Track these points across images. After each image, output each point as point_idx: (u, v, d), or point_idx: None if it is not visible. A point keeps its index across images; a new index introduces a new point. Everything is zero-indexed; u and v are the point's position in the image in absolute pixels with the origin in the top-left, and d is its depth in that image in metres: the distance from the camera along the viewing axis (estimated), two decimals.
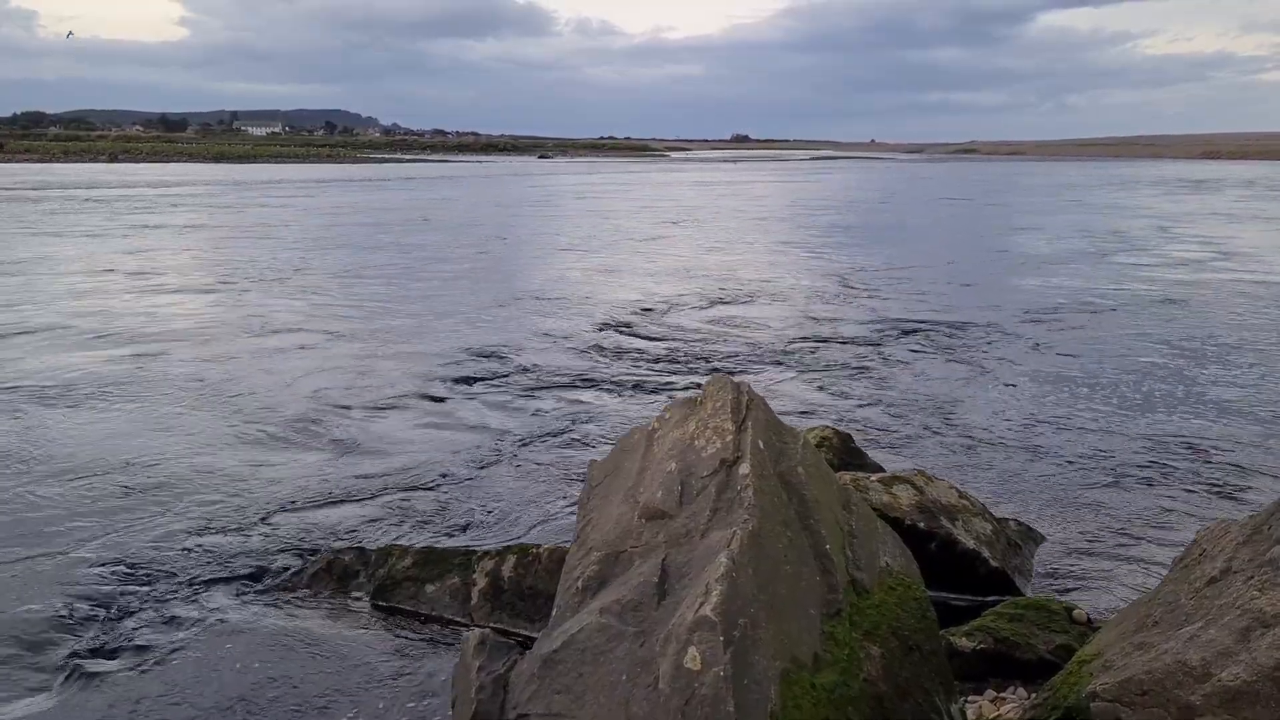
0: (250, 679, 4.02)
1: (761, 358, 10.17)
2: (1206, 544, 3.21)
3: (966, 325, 12.06)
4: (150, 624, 4.46)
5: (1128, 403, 8.40)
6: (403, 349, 10.48)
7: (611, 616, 2.89)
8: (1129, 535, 5.58)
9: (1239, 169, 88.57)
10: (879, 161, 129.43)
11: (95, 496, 6.00)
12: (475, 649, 3.14)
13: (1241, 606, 2.72)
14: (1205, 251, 20.56)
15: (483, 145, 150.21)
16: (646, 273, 17.05)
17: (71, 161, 70.91)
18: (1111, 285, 15.64)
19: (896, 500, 4.77)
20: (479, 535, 5.55)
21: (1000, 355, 10.35)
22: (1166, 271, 17.38)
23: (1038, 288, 15.40)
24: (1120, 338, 11.29)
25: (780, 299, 14.14)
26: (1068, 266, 18.20)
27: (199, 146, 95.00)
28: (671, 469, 3.28)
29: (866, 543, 3.45)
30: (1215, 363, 9.95)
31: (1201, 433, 7.51)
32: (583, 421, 7.81)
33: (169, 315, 12.21)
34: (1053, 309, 13.30)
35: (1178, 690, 2.68)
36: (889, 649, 3.15)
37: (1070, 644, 3.83)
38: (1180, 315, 12.75)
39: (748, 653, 2.67)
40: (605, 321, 12.11)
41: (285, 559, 5.15)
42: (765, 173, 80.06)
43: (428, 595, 4.66)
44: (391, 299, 13.84)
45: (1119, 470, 6.66)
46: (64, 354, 9.89)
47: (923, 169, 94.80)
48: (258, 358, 9.89)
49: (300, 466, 6.65)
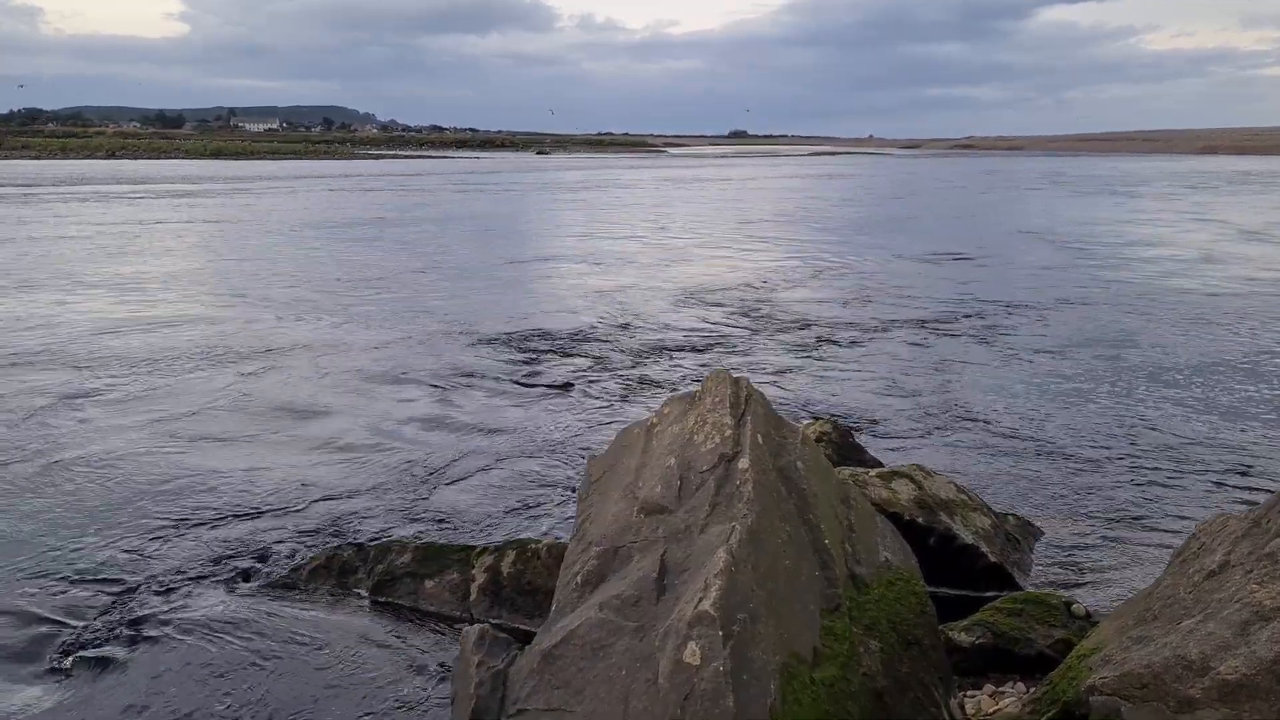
0: (249, 674, 4.02)
1: (760, 352, 10.17)
2: (1205, 537, 3.21)
3: (966, 319, 12.07)
4: (149, 619, 4.45)
5: (1127, 397, 8.40)
6: (401, 348, 10.47)
7: (611, 612, 2.89)
8: (1127, 529, 5.58)
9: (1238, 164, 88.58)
10: (873, 157, 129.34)
11: (94, 494, 6.00)
12: (475, 644, 3.14)
13: (1241, 600, 2.73)
14: (1207, 249, 20.56)
15: (480, 141, 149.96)
16: (647, 273, 17.04)
17: (70, 158, 70.75)
18: (1112, 283, 15.65)
19: (895, 495, 4.77)
20: (478, 531, 5.55)
21: (1000, 350, 10.35)
22: (1168, 266, 17.39)
23: (1037, 283, 15.40)
24: (1120, 332, 11.29)
25: (776, 293, 14.13)
26: (1067, 260, 18.21)
27: (196, 143, 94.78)
28: (670, 464, 3.28)
29: (865, 538, 3.45)
30: (1215, 358, 9.95)
31: (1200, 427, 7.51)
32: (581, 417, 7.81)
33: (162, 314, 12.19)
34: (1053, 304, 13.31)
35: (1177, 684, 2.68)
36: (888, 644, 3.15)
37: (1069, 638, 3.83)
38: (1181, 310, 12.75)
39: (747, 648, 2.67)
40: (603, 318, 12.10)
41: (284, 554, 5.15)
42: (764, 168, 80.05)
43: (427, 591, 4.66)
44: (385, 296, 13.83)
45: (1117, 464, 6.66)
46: (63, 355, 9.87)
47: (919, 165, 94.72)
48: (254, 356, 9.88)
49: (298, 463, 6.65)
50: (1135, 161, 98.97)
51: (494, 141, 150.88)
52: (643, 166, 79.09)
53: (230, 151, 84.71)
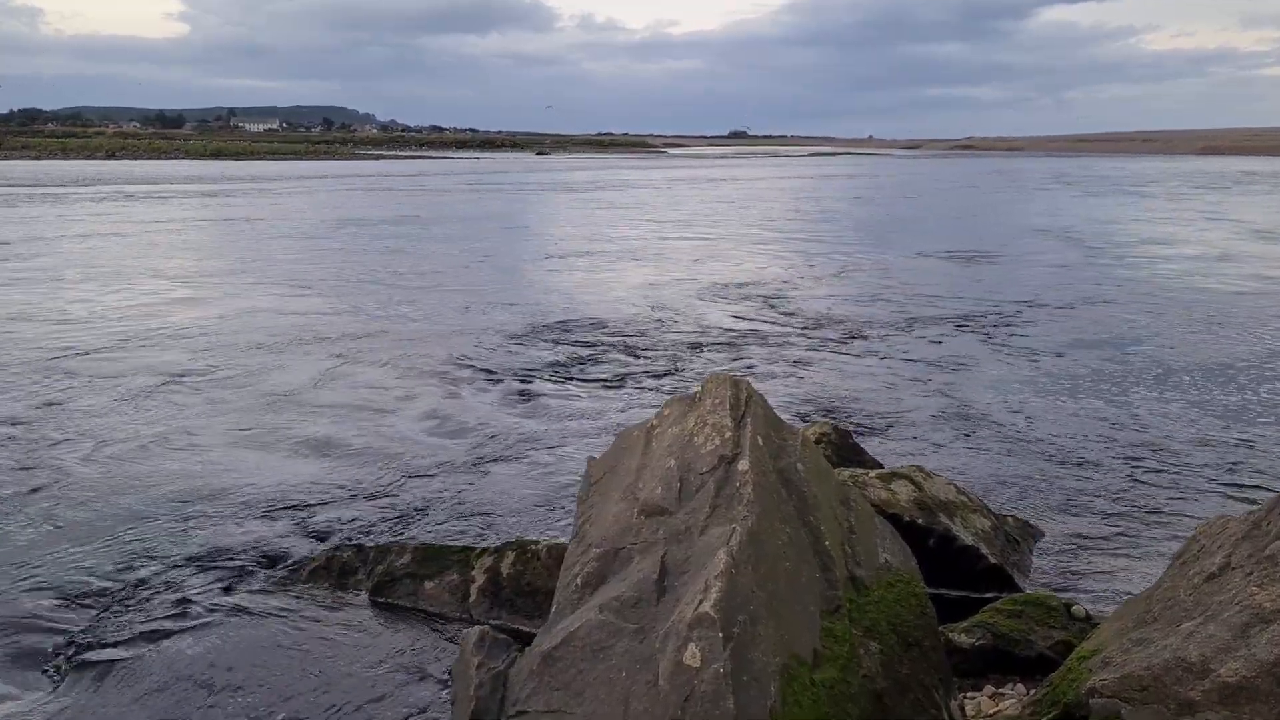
0: (248, 675, 4.02)
1: (760, 353, 10.17)
2: (1205, 539, 3.21)
3: (966, 320, 12.07)
4: (148, 619, 4.45)
5: (1130, 397, 8.40)
6: (399, 347, 10.47)
7: (611, 613, 2.89)
8: (1127, 531, 5.58)
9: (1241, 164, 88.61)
10: (875, 158, 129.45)
11: (95, 493, 5.99)
12: (474, 646, 3.14)
13: (1241, 602, 2.72)
14: (1223, 247, 20.55)
15: (480, 142, 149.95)
16: (646, 271, 17.06)
17: (70, 158, 70.73)
18: (1112, 280, 15.65)
19: (895, 496, 4.77)
20: (478, 532, 5.55)
21: (1000, 351, 10.35)
22: (1186, 265, 17.40)
23: (1053, 282, 15.39)
24: (1129, 332, 11.30)
25: (775, 294, 14.13)
26: (1083, 259, 18.24)
27: (196, 144, 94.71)
28: (670, 465, 3.27)
29: (865, 539, 3.45)
30: (1222, 358, 9.95)
31: (1202, 428, 7.51)
32: (581, 418, 7.81)
33: (160, 313, 12.19)
34: (1067, 303, 13.31)
35: (1177, 686, 2.68)
36: (888, 645, 3.15)
37: (1069, 640, 3.83)
38: (1194, 310, 12.74)
39: (747, 649, 2.67)
40: (603, 318, 12.10)
41: (284, 555, 5.15)
42: (769, 168, 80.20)
43: (426, 592, 4.65)
44: (383, 297, 13.83)
45: (1118, 466, 6.66)
46: (64, 352, 9.87)
47: (922, 165, 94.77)
48: (252, 356, 9.88)
49: (298, 463, 6.64)
50: (1137, 162, 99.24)
51: (494, 142, 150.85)
52: (650, 167, 79.25)
53: (230, 152, 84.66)
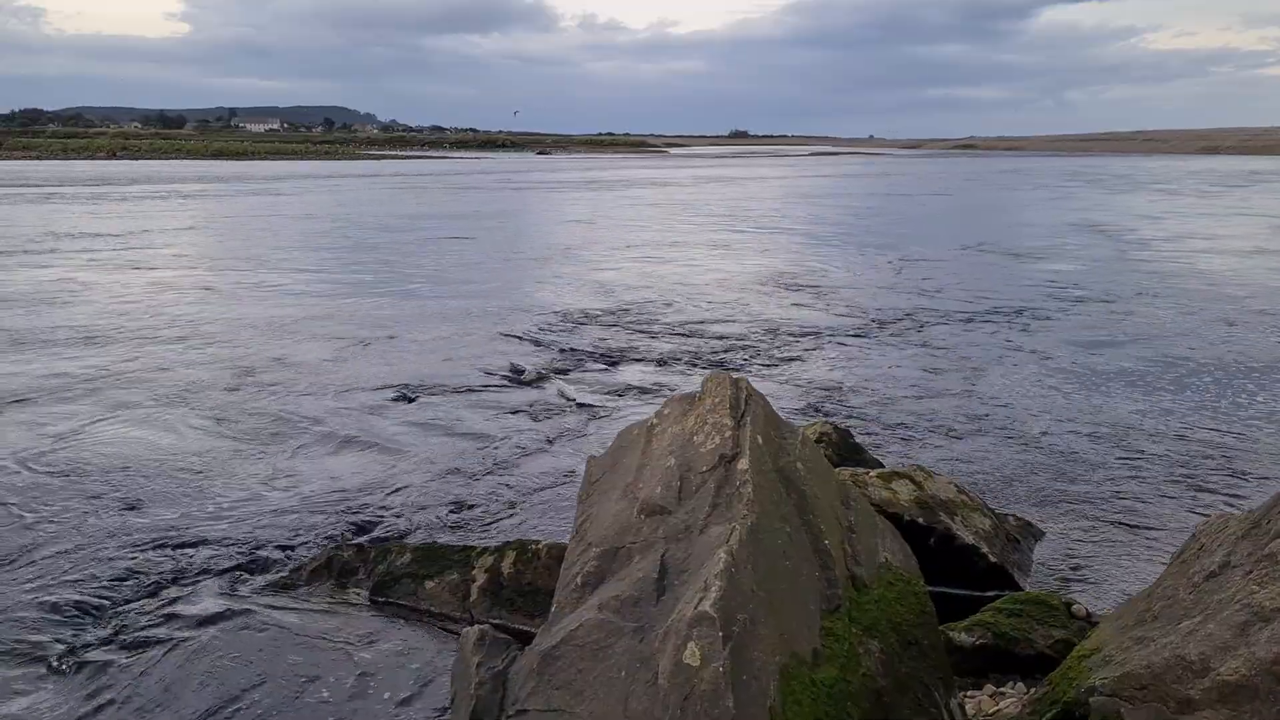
0: (248, 674, 4.02)
1: (760, 353, 10.17)
2: (1205, 538, 3.21)
3: (967, 320, 12.06)
4: (148, 619, 4.45)
5: (1127, 397, 8.40)
6: (398, 347, 10.47)
7: (610, 612, 2.89)
8: (1127, 530, 5.58)
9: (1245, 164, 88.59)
10: (876, 157, 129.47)
11: (95, 492, 6.00)
12: (474, 645, 3.14)
13: (1241, 601, 2.72)
14: (1209, 245, 20.56)
15: (481, 142, 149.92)
16: (645, 272, 17.05)
17: (71, 159, 70.78)
18: (1113, 279, 15.64)
19: (895, 496, 4.77)
20: (478, 531, 5.55)
21: (1000, 350, 10.35)
22: (1171, 265, 17.39)
23: (1037, 281, 15.39)
24: (1122, 332, 11.29)
25: (777, 294, 14.13)
26: (1068, 259, 18.21)
27: (198, 144, 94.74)
28: (670, 464, 3.27)
29: (865, 538, 3.45)
30: (1217, 357, 9.95)
31: (1201, 427, 7.51)
32: (581, 417, 7.81)
33: (162, 311, 12.20)
34: (1054, 303, 13.30)
35: (1177, 685, 2.68)
36: (888, 644, 3.15)
37: (1069, 639, 3.83)
38: (1184, 309, 12.74)
39: (747, 648, 2.67)
40: (603, 316, 12.10)
41: (284, 555, 5.15)
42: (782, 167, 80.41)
43: (427, 591, 4.66)
44: (381, 296, 13.83)
45: (1117, 465, 6.66)
46: (62, 353, 9.88)
47: (929, 164, 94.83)
48: (251, 354, 9.88)
49: (299, 463, 6.65)
50: (1142, 161, 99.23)
51: (495, 141, 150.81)
52: (664, 166, 79.34)
53: (231, 152, 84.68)
